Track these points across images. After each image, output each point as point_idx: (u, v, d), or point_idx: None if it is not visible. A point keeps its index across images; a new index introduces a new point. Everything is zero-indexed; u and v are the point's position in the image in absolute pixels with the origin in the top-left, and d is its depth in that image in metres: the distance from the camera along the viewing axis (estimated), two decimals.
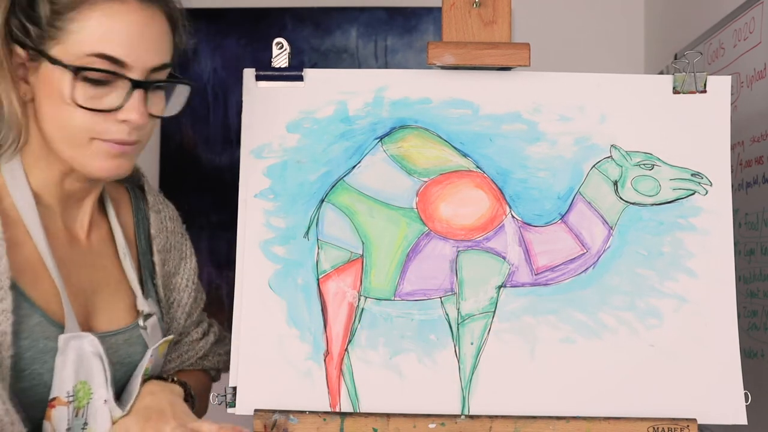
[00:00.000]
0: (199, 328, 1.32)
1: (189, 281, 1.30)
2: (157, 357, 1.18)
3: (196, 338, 1.31)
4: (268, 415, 1.15)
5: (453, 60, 1.19)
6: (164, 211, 1.28)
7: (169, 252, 1.27)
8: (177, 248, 1.29)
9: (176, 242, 1.29)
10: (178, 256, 1.29)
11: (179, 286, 1.29)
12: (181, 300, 1.28)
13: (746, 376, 1.16)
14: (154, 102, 1.11)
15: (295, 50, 1.27)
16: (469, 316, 1.18)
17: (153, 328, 1.18)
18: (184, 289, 1.29)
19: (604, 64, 2.45)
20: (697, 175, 1.20)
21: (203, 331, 1.33)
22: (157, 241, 1.25)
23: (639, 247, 1.19)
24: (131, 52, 1.06)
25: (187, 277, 1.30)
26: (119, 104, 1.06)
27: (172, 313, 1.27)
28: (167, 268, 1.27)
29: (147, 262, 1.24)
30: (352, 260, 1.20)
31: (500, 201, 1.21)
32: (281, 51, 1.23)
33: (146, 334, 1.17)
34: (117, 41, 1.05)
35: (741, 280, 1.59)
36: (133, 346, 1.16)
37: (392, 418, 1.15)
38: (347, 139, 1.22)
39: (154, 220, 1.26)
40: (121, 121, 1.07)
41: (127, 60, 1.06)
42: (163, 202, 1.30)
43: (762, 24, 1.59)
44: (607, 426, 1.14)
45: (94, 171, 1.09)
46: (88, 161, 1.08)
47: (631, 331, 1.17)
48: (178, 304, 1.28)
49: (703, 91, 1.22)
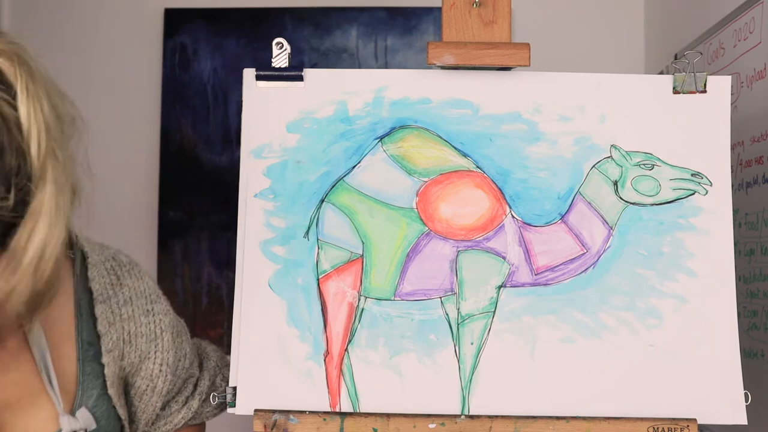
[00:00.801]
0: (180, 397, 1.19)
1: (163, 365, 1.14)
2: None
3: (176, 409, 1.18)
4: (268, 415, 1.15)
5: (453, 60, 1.19)
6: (116, 296, 1.11)
7: (129, 343, 1.11)
8: (140, 333, 1.12)
9: (138, 327, 1.12)
10: (144, 341, 1.12)
11: (151, 372, 1.14)
12: (155, 386, 1.14)
13: (746, 376, 1.16)
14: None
15: (295, 50, 1.27)
16: (469, 316, 1.18)
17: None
18: (158, 375, 1.14)
19: (604, 64, 2.45)
20: (697, 175, 1.20)
21: (184, 398, 1.19)
22: (106, 338, 1.08)
23: (639, 247, 1.19)
24: None
25: (160, 360, 1.14)
26: None
27: (146, 399, 1.14)
28: (129, 360, 1.11)
29: (94, 359, 1.08)
30: (352, 260, 1.20)
31: (500, 201, 1.21)
32: (281, 51, 1.23)
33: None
34: None
35: (741, 280, 1.59)
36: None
37: (392, 418, 1.15)
38: (347, 139, 1.22)
39: (102, 313, 1.09)
40: None
41: None
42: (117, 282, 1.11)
43: (762, 24, 1.59)
44: (607, 426, 1.14)
45: None
46: None
47: (631, 331, 1.17)
48: (152, 390, 1.14)
49: (703, 91, 1.22)
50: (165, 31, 2.57)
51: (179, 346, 1.18)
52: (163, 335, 1.15)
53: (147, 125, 2.55)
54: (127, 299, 1.11)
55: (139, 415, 1.15)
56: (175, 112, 2.57)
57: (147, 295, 1.14)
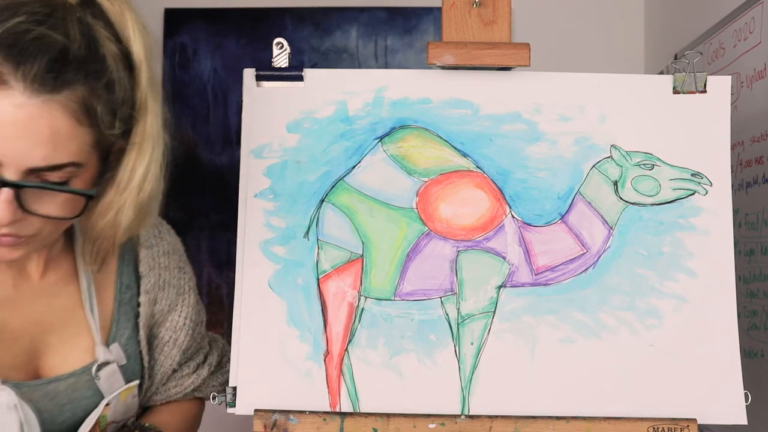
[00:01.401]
0: (192, 362, 1.26)
1: (187, 319, 1.23)
2: (119, 404, 1.14)
3: (187, 373, 1.26)
4: (268, 415, 1.15)
5: (453, 60, 1.19)
6: (158, 246, 1.21)
7: (162, 289, 1.20)
8: (173, 284, 1.21)
9: (172, 278, 1.21)
10: (175, 293, 1.22)
11: (176, 324, 1.22)
12: (177, 338, 1.22)
13: (746, 376, 1.16)
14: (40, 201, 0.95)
15: (295, 50, 1.27)
16: (469, 316, 1.18)
17: (110, 377, 1.12)
18: (182, 327, 1.22)
19: (604, 64, 2.45)
20: (697, 175, 1.20)
21: (196, 365, 1.27)
22: (146, 281, 1.18)
23: (639, 247, 1.19)
24: (3, 151, 0.89)
25: (185, 314, 1.23)
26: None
27: (166, 351, 1.22)
28: (159, 306, 1.20)
29: (129, 302, 1.17)
30: (352, 260, 1.20)
31: (500, 201, 1.21)
32: (281, 51, 1.23)
33: (100, 383, 1.11)
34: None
35: (741, 280, 1.59)
36: (77, 392, 1.10)
37: (392, 418, 1.15)
38: (347, 139, 1.22)
39: (144, 257, 1.18)
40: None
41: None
42: (159, 235, 1.21)
43: (762, 24, 1.59)
44: (607, 426, 1.14)
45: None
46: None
47: (631, 331, 1.17)
48: (174, 343, 1.22)
49: (703, 91, 1.22)
50: (165, 31, 2.57)
51: (200, 309, 1.27)
52: (191, 292, 1.24)
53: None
54: (166, 251, 1.22)
55: (156, 369, 1.22)
56: (175, 112, 2.56)
57: (180, 254, 1.25)
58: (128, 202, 1.01)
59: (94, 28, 0.93)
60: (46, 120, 0.90)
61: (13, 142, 0.89)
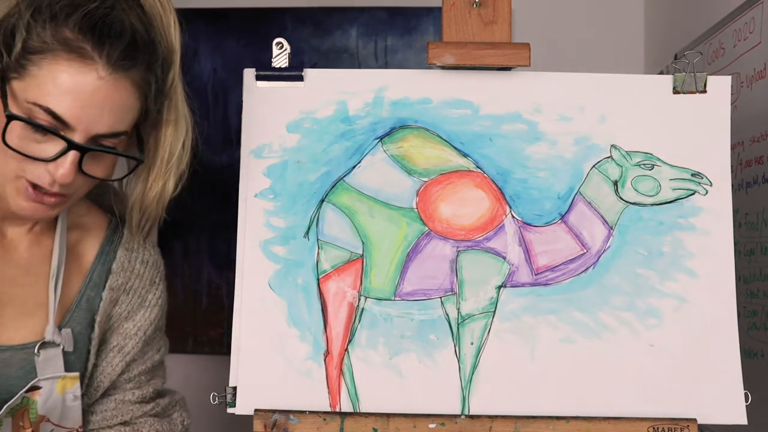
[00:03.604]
0: (138, 391, 1.25)
1: (141, 331, 1.24)
2: (55, 398, 1.14)
3: (129, 399, 1.25)
4: (268, 415, 1.15)
5: (453, 60, 1.19)
6: (138, 252, 1.23)
7: (126, 294, 1.22)
8: (139, 293, 1.23)
9: (140, 287, 1.23)
10: (138, 302, 1.23)
11: (128, 332, 1.23)
12: (124, 346, 1.23)
13: (746, 376, 1.16)
14: (95, 163, 1.07)
15: (295, 50, 1.27)
16: (469, 316, 1.18)
17: (50, 359, 1.14)
18: (132, 336, 1.23)
19: (604, 64, 2.45)
20: (697, 175, 1.20)
21: (142, 396, 1.25)
22: (113, 278, 1.21)
23: (639, 247, 1.19)
24: (79, 117, 1.02)
25: (141, 326, 1.24)
26: (50, 158, 1.03)
27: (110, 357, 1.22)
28: (118, 309, 1.22)
29: (93, 298, 1.20)
30: (352, 260, 1.20)
31: (500, 201, 1.21)
32: (281, 51, 1.23)
33: (38, 361, 1.13)
34: (67, 102, 1.01)
35: (741, 280, 1.59)
36: (9, 368, 1.12)
37: (392, 418, 1.15)
38: (347, 139, 1.22)
39: (121, 256, 1.22)
40: (48, 171, 1.03)
41: (71, 122, 1.01)
42: (143, 244, 1.24)
43: (762, 24, 1.59)
44: (607, 426, 1.14)
45: (13, 207, 1.08)
46: (10, 195, 1.07)
47: (631, 331, 1.17)
48: (119, 350, 1.23)
49: (703, 91, 1.22)
50: None
51: (157, 334, 1.28)
52: (153, 309, 1.25)
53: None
54: (144, 260, 1.24)
55: (96, 374, 1.22)
56: None
57: (158, 271, 1.27)
58: (172, 172, 1.16)
59: (149, 15, 1.08)
60: (118, 93, 1.03)
61: (89, 110, 1.02)
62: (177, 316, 2.57)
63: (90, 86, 1.01)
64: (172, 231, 2.55)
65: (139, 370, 1.25)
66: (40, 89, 1.01)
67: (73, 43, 1.01)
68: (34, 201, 1.06)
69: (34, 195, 1.06)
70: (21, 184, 1.06)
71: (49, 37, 1.00)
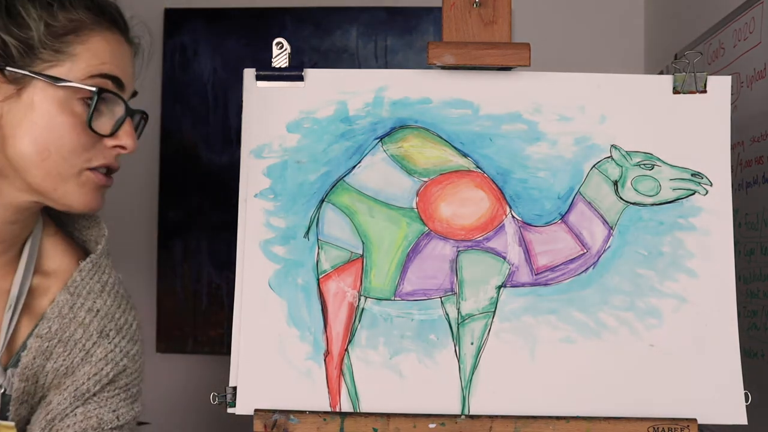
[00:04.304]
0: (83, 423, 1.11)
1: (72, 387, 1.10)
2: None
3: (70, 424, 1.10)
4: (268, 415, 1.15)
5: (453, 60, 1.19)
6: (89, 299, 1.11)
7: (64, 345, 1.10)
8: (80, 346, 1.10)
9: (84, 339, 1.11)
10: (80, 356, 1.10)
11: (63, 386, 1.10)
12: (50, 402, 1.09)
13: (746, 376, 1.16)
14: None
15: (295, 50, 1.27)
16: (469, 316, 1.18)
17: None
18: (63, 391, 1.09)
19: (604, 64, 2.45)
20: (697, 175, 1.20)
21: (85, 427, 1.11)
22: (44, 325, 1.08)
23: (639, 247, 1.19)
24: (127, 78, 1.09)
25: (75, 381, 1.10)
26: (113, 129, 1.05)
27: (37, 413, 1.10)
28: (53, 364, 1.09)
29: None
30: (352, 260, 1.20)
31: (500, 201, 1.21)
32: (281, 51, 1.23)
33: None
34: (117, 64, 1.07)
35: (741, 280, 1.59)
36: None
37: (392, 418, 1.15)
38: (347, 139, 1.23)
39: (60, 301, 1.10)
40: (113, 147, 1.05)
41: (125, 83, 1.07)
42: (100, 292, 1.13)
43: (762, 24, 1.59)
44: (607, 426, 1.14)
45: (76, 203, 1.05)
46: (72, 194, 1.04)
47: (631, 331, 1.17)
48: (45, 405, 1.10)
49: (703, 91, 1.22)
50: (165, 31, 2.57)
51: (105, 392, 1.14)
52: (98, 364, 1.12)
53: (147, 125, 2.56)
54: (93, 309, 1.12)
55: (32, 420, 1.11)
56: (175, 112, 2.57)
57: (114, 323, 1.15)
58: None
59: None
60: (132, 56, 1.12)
61: (128, 71, 1.09)
62: (177, 316, 2.57)
63: (122, 50, 1.09)
64: (172, 231, 2.55)
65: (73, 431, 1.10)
66: (90, 62, 1.04)
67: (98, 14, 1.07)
68: (99, 190, 1.07)
69: (104, 179, 1.07)
70: (86, 177, 1.04)
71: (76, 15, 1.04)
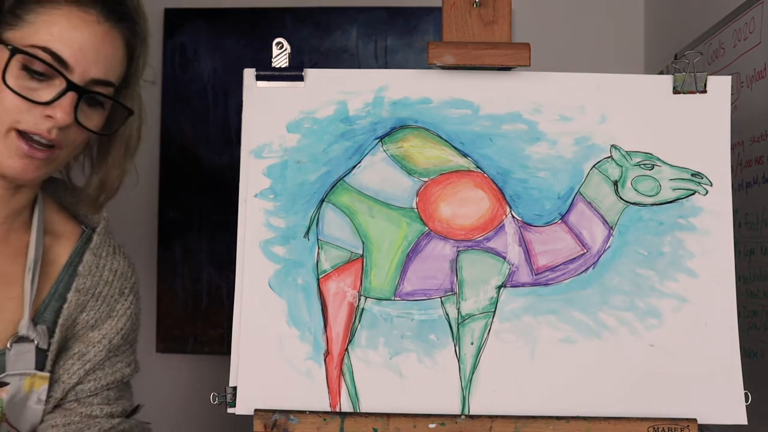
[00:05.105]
0: (107, 407, 1.23)
1: (106, 339, 1.22)
2: (21, 397, 1.12)
3: (97, 414, 1.22)
4: (268, 415, 1.15)
5: (453, 60, 1.19)
6: (107, 260, 1.23)
7: (95, 299, 1.21)
8: (107, 302, 1.23)
9: (109, 295, 1.23)
10: (106, 311, 1.22)
11: (92, 340, 1.21)
12: (85, 354, 1.21)
13: (746, 376, 1.16)
14: (88, 115, 1.12)
15: (295, 50, 1.27)
16: (469, 316, 1.18)
17: (22, 354, 1.13)
18: (96, 344, 1.21)
19: (604, 64, 2.45)
20: (698, 175, 1.20)
21: (110, 413, 1.23)
22: (80, 280, 1.20)
23: (639, 247, 1.19)
24: (77, 58, 1.08)
25: (106, 334, 1.22)
26: (49, 99, 1.07)
27: (68, 365, 1.20)
28: (85, 316, 1.20)
29: (59, 302, 1.19)
30: (352, 260, 1.20)
31: (500, 201, 1.21)
32: (281, 51, 1.23)
33: (8, 355, 1.11)
34: (66, 43, 1.07)
35: (741, 280, 1.59)
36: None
37: (392, 418, 1.15)
38: (347, 139, 1.23)
39: (88, 260, 1.21)
40: (45, 116, 1.07)
41: (70, 61, 1.08)
42: (113, 253, 1.25)
43: (762, 24, 1.59)
44: (607, 426, 1.14)
45: (2, 167, 1.09)
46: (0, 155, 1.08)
47: (631, 331, 1.17)
48: (79, 357, 1.20)
49: (703, 91, 1.22)
50: (165, 31, 2.57)
51: (126, 347, 1.26)
52: (121, 318, 1.24)
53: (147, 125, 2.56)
54: (113, 269, 1.23)
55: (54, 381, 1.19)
56: (175, 112, 2.57)
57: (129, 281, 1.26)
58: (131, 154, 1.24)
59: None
60: (110, 42, 1.11)
61: (87, 53, 1.08)
62: (177, 316, 2.57)
63: (87, 30, 1.09)
64: (172, 231, 2.55)
65: (106, 383, 1.23)
66: (39, 33, 1.06)
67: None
68: (26, 155, 1.07)
69: (26, 148, 1.07)
70: (11, 141, 1.07)
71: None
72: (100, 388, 1.23)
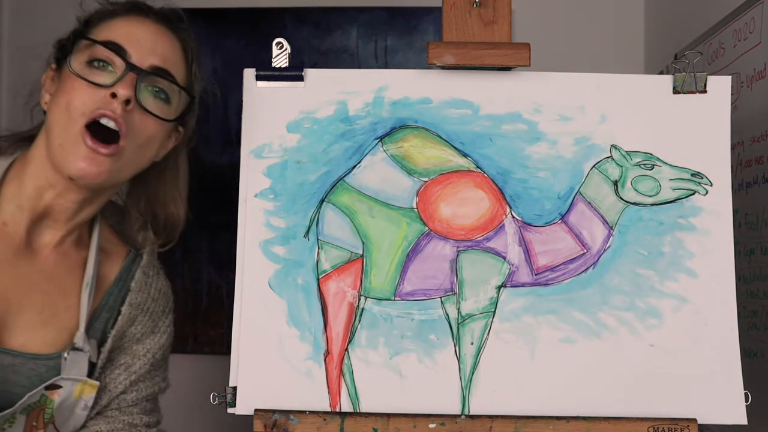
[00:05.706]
0: (146, 417, 1.29)
1: (150, 354, 1.29)
2: (70, 401, 1.17)
3: (137, 423, 1.28)
4: (268, 415, 1.15)
5: (453, 60, 1.19)
6: (154, 279, 1.30)
7: (144, 314, 1.27)
8: (152, 318, 1.29)
9: (154, 312, 1.29)
10: (150, 327, 1.29)
11: (137, 352, 1.28)
12: (132, 365, 1.27)
13: (746, 376, 1.16)
14: (149, 100, 1.16)
15: (295, 50, 1.27)
16: (469, 316, 1.18)
17: (76, 362, 1.18)
18: (141, 357, 1.28)
19: (604, 64, 2.45)
20: (698, 175, 1.20)
21: (148, 423, 1.30)
22: (133, 295, 1.26)
23: (639, 247, 1.19)
24: (135, 47, 1.15)
25: (150, 349, 1.29)
26: (112, 81, 1.12)
27: (115, 374, 1.26)
28: (134, 330, 1.27)
29: (107, 317, 1.25)
30: (352, 260, 1.20)
31: (500, 201, 1.21)
32: (281, 51, 1.23)
33: (65, 363, 1.17)
34: (125, 37, 1.15)
35: (741, 280, 1.59)
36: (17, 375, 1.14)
37: (392, 418, 1.15)
38: (347, 139, 1.22)
39: (139, 277, 1.27)
40: (110, 96, 1.11)
41: (129, 50, 1.14)
42: (157, 274, 1.31)
43: (762, 24, 1.59)
44: (607, 426, 1.14)
45: (70, 167, 1.12)
46: (68, 154, 1.12)
47: (631, 331, 1.17)
48: (126, 368, 1.27)
49: (703, 91, 1.22)
50: None
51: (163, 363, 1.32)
52: (163, 335, 1.30)
53: None
54: (159, 289, 1.31)
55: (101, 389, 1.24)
56: None
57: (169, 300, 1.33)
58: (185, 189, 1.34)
59: None
60: (167, 38, 1.19)
61: (144, 42, 1.16)
62: (177, 316, 2.57)
63: (144, 28, 1.17)
64: None
65: (146, 394, 1.29)
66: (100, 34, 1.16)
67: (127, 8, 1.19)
68: (90, 159, 1.11)
69: (91, 141, 1.11)
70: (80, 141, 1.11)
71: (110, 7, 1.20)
72: (140, 399, 1.28)
